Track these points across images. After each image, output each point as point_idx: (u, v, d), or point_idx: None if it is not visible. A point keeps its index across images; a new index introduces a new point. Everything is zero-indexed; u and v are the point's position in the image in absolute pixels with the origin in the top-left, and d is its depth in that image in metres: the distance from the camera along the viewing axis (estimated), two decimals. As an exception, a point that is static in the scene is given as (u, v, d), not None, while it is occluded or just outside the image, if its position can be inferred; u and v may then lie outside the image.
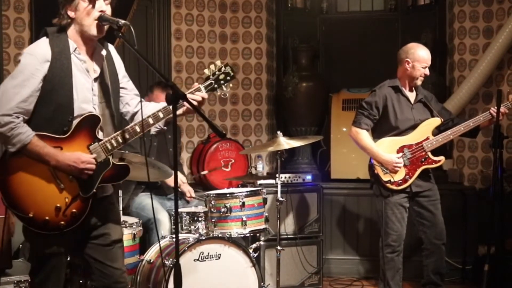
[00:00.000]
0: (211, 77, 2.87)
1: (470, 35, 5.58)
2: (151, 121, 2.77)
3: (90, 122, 2.73)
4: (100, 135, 2.77)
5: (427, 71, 4.18)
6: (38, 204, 2.66)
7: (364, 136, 4.17)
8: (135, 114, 2.93)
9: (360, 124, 4.19)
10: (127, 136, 2.75)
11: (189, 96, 2.76)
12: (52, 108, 2.67)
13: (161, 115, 2.77)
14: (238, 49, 6.01)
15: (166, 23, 5.64)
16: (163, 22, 5.64)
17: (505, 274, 4.31)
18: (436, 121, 4.22)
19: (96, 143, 2.73)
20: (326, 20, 6.49)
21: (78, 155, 2.67)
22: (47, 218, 2.66)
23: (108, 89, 2.81)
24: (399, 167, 4.10)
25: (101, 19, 2.68)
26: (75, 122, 2.70)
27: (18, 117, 2.62)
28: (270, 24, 6.13)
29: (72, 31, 2.74)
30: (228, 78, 2.90)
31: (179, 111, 2.77)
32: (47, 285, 2.77)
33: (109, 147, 2.74)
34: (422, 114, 4.23)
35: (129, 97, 2.94)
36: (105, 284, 2.87)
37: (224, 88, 2.91)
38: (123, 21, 2.66)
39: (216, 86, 2.88)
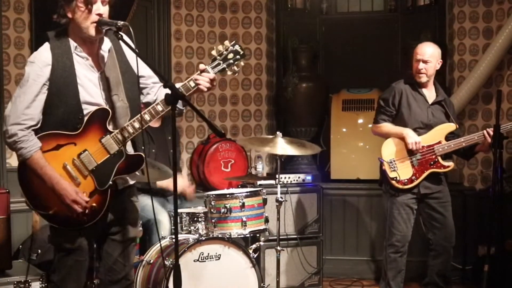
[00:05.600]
0: (218, 57, 2.81)
1: (470, 36, 5.58)
2: (159, 108, 2.75)
3: (100, 116, 2.72)
4: (111, 127, 2.75)
5: (420, 65, 4.17)
6: (58, 201, 2.66)
7: (383, 125, 4.22)
8: (155, 101, 2.87)
9: (378, 121, 4.26)
10: (137, 125, 2.74)
11: (196, 77, 2.74)
12: (61, 109, 2.68)
13: None
14: (238, 50, 6.00)
15: (166, 23, 5.63)
16: (163, 22, 5.63)
17: (505, 274, 4.30)
18: (451, 126, 4.22)
19: (108, 135, 2.73)
20: (326, 20, 6.48)
21: (74, 190, 2.65)
22: (68, 214, 2.67)
23: (118, 81, 2.79)
24: (419, 147, 4.08)
25: (99, 23, 2.67)
26: (86, 118, 2.70)
27: (26, 129, 2.63)
28: (270, 25, 6.13)
29: (72, 30, 2.75)
30: (238, 56, 2.83)
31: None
32: (67, 282, 2.76)
33: (121, 138, 2.73)
34: (437, 115, 4.22)
35: (149, 87, 2.91)
36: (112, 280, 2.88)
37: (235, 68, 2.84)
38: (121, 23, 2.64)
39: (225, 66, 2.81)
